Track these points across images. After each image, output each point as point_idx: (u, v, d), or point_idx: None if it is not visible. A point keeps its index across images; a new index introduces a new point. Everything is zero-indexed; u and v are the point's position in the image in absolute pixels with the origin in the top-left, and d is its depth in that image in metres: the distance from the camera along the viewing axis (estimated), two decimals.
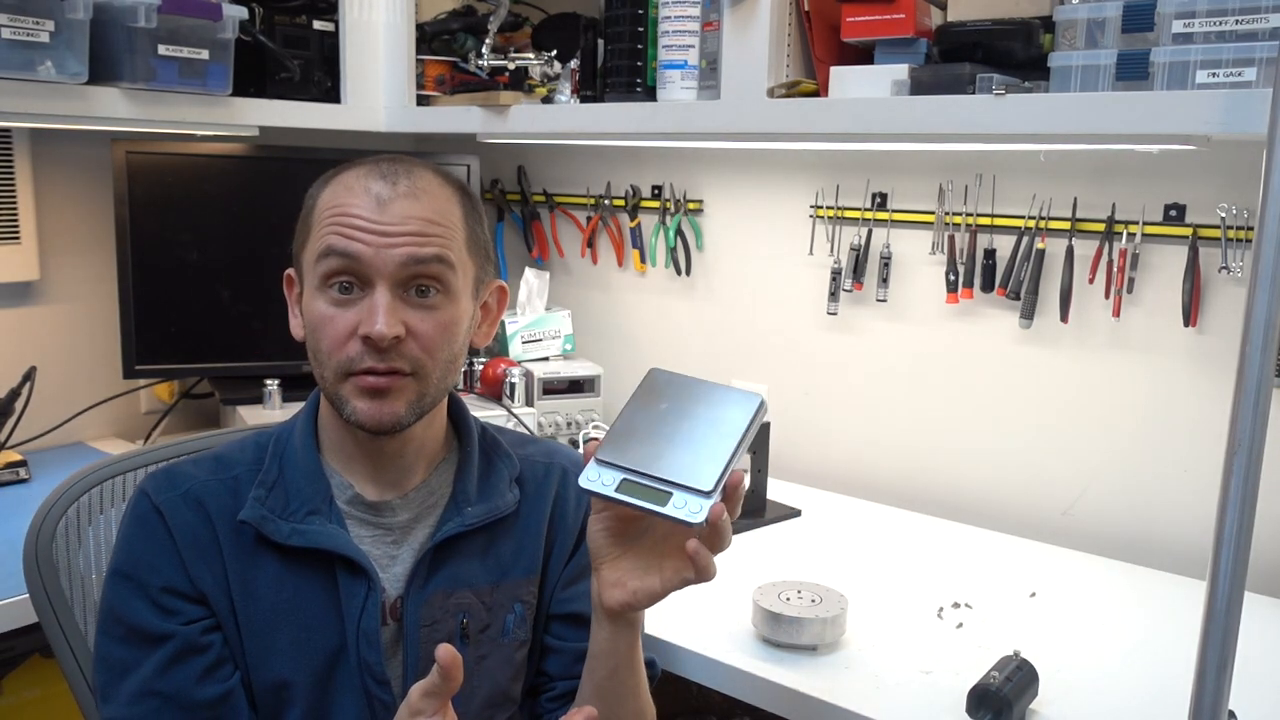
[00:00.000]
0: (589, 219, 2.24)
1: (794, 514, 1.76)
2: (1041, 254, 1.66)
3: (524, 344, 2.08)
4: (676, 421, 0.91)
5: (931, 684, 1.19)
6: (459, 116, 1.93)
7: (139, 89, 1.65)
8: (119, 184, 1.85)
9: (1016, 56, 1.36)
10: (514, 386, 1.93)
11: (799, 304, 1.96)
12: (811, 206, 1.91)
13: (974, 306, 1.75)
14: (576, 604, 1.09)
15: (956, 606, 1.41)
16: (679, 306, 2.14)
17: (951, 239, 1.74)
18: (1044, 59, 1.31)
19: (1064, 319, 1.64)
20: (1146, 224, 1.57)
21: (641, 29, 1.73)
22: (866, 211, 1.84)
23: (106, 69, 1.62)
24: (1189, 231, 1.53)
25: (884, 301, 1.84)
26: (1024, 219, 1.68)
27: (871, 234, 1.84)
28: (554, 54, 1.90)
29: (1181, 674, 1.03)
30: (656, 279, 2.17)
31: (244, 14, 1.72)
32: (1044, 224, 1.66)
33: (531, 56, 1.90)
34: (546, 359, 2.09)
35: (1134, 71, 1.22)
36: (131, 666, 0.95)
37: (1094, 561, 1.60)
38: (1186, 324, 1.54)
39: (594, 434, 1.96)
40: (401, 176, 0.97)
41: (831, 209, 1.88)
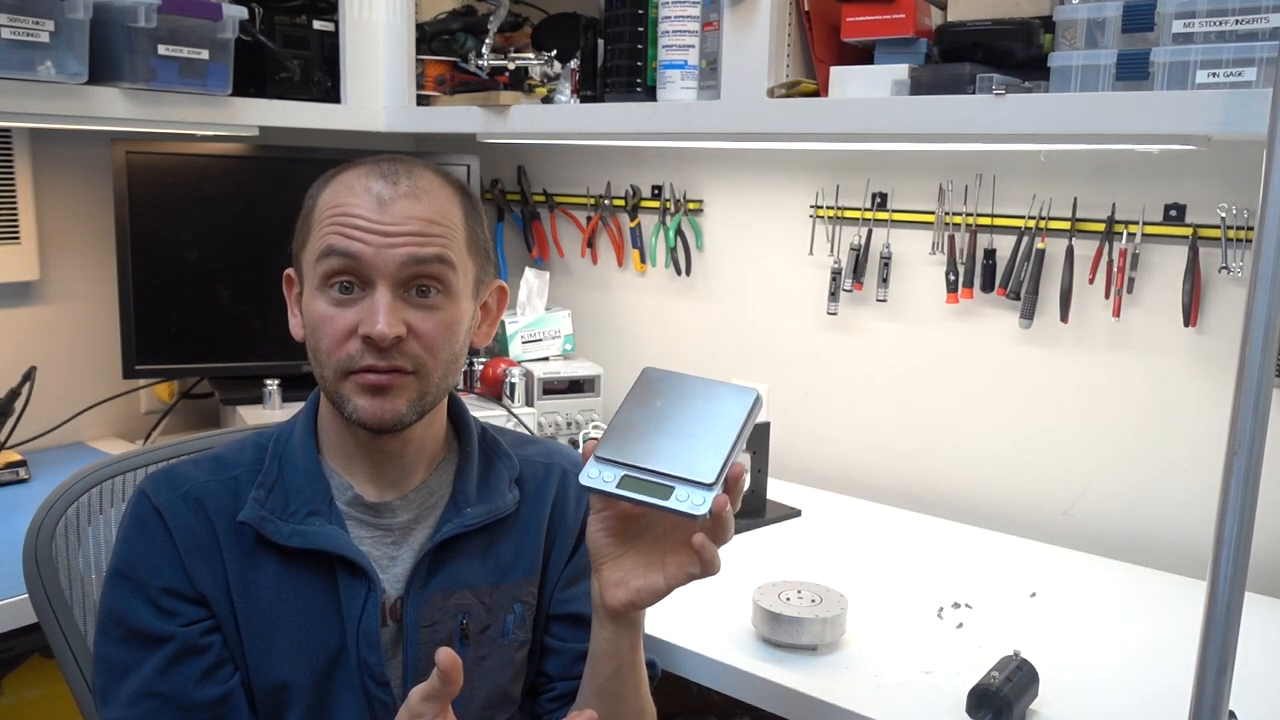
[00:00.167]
0: (589, 219, 2.24)
1: (794, 514, 1.76)
2: (1041, 254, 1.66)
3: (524, 344, 2.08)
4: (674, 417, 0.91)
5: (931, 684, 1.19)
6: (459, 116, 1.93)
7: (139, 89, 1.65)
8: (119, 184, 1.85)
9: (1016, 56, 1.36)
10: (514, 386, 1.93)
11: (799, 304, 1.96)
12: (811, 206, 1.91)
13: (974, 306, 1.75)
14: (576, 604, 1.09)
15: (956, 606, 1.40)
16: (679, 306, 2.14)
17: (951, 239, 1.74)
18: (1044, 59, 1.31)
19: (1064, 319, 1.64)
20: (1146, 224, 1.57)
21: (641, 29, 1.73)
22: (866, 211, 1.84)
23: (106, 69, 1.62)
24: (1189, 231, 1.53)
25: (884, 301, 1.84)
26: (1024, 219, 1.68)
27: (871, 234, 1.84)
28: (554, 54, 1.90)
29: (1181, 674, 1.03)
30: (656, 279, 2.17)
31: (244, 14, 1.72)
32: (1044, 224, 1.66)
33: (531, 56, 1.90)
34: (546, 359, 2.09)
35: (1134, 71, 1.22)
36: (131, 667, 0.95)
37: (1094, 561, 1.60)
38: (1186, 324, 1.54)
39: (594, 434, 1.96)
40: (402, 176, 0.97)
41: (831, 209, 1.88)
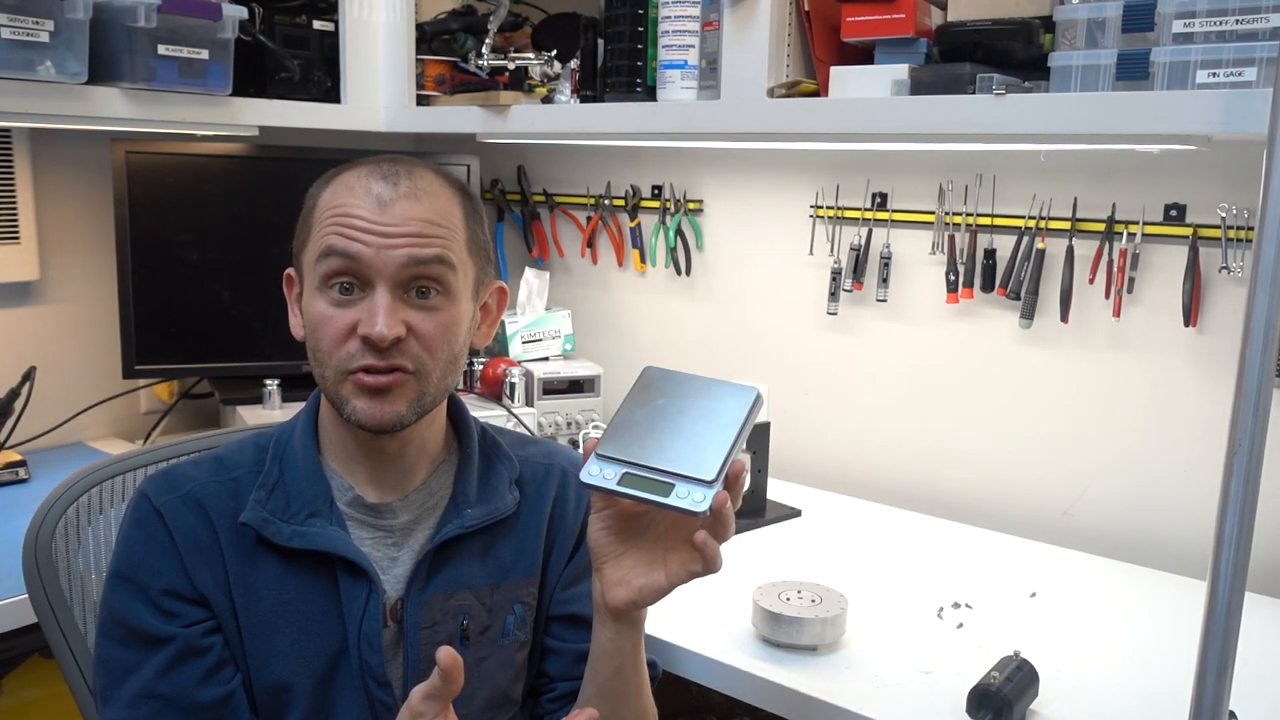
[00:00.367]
0: (589, 219, 2.24)
1: (794, 514, 1.76)
2: (1042, 254, 1.66)
3: (524, 344, 2.08)
4: (675, 415, 0.91)
5: (931, 684, 1.19)
6: (459, 116, 1.93)
7: (139, 89, 1.65)
8: (119, 184, 1.85)
9: (1016, 56, 1.36)
10: (514, 386, 1.93)
11: (799, 304, 1.96)
12: (811, 206, 1.91)
13: (974, 306, 1.75)
14: (576, 605, 1.09)
15: (957, 606, 1.41)
16: (679, 306, 2.14)
17: (951, 239, 1.74)
18: (1044, 59, 1.31)
19: (1064, 319, 1.64)
20: (1146, 224, 1.57)
21: (641, 29, 1.73)
22: (866, 211, 1.84)
23: (106, 69, 1.62)
24: (1189, 231, 1.53)
25: (884, 301, 1.84)
26: (1024, 219, 1.68)
27: (871, 234, 1.84)
28: (554, 54, 1.90)
29: (1181, 674, 1.03)
30: (656, 279, 2.17)
31: (244, 14, 1.72)
32: (1044, 224, 1.66)
33: (531, 56, 1.89)
34: (546, 359, 2.09)
35: (1134, 71, 1.22)
36: (132, 669, 0.95)
37: (1094, 561, 1.60)
38: (1187, 324, 1.54)
39: (594, 434, 1.96)
40: (403, 177, 0.97)
41: (831, 209, 1.88)
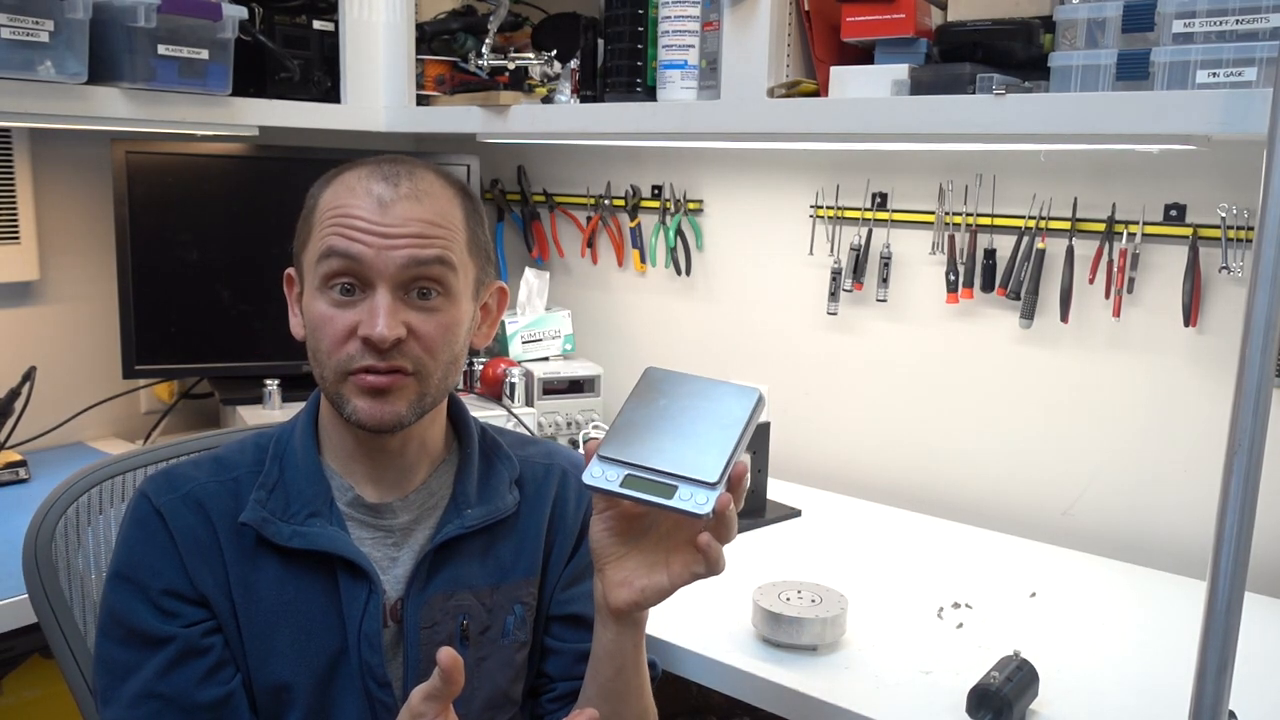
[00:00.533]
0: (589, 219, 2.24)
1: (794, 514, 1.76)
2: (1041, 254, 1.66)
3: (524, 344, 2.08)
4: (677, 416, 0.91)
5: (931, 684, 1.19)
6: (459, 116, 1.93)
7: (139, 89, 1.65)
8: (119, 184, 1.85)
9: (1016, 56, 1.36)
10: (514, 386, 1.93)
11: (799, 304, 1.96)
12: (811, 206, 1.91)
13: (974, 306, 1.75)
14: (576, 605, 1.09)
15: (956, 606, 1.41)
16: (679, 306, 2.14)
17: (951, 239, 1.74)
18: (1044, 59, 1.31)
19: (1064, 319, 1.64)
20: (1146, 224, 1.57)
21: (641, 29, 1.73)
22: (866, 211, 1.84)
23: (106, 69, 1.62)
24: (1189, 231, 1.53)
25: (884, 301, 1.84)
26: (1024, 219, 1.68)
27: (871, 234, 1.84)
28: (554, 54, 1.90)
29: (1181, 674, 1.03)
30: (656, 279, 2.17)
31: (244, 14, 1.72)
32: (1044, 224, 1.66)
33: (531, 56, 1.89)
34: (546, 359, 2.09)
35: (1134, 71, 1.22)
36: (132, 669, 0.95)
37: (1094, 561, 1.60)
38: (1186, 324, 1.54)
39: (594, 434, 1.96)
40: (403, 178, 0.97)
41: (831, 209, 1.88)
